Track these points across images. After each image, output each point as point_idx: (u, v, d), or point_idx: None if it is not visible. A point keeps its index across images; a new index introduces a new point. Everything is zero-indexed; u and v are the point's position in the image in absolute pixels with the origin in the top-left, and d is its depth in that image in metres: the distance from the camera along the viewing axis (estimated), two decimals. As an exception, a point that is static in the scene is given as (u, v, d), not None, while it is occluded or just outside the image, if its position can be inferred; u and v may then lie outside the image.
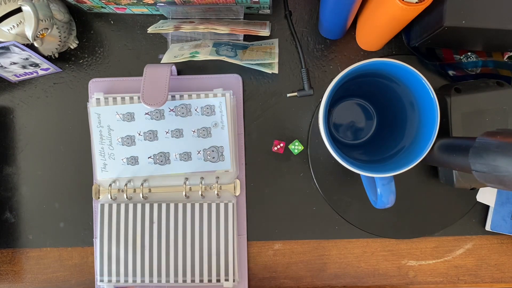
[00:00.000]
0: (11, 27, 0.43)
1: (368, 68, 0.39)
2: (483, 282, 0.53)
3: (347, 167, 0.39)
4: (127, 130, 0.48)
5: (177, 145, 0.48)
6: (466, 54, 0.50)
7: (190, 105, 0.47)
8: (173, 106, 0.48)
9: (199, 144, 0.48)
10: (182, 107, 0.47)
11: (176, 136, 0.48)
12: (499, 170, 0.31)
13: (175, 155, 0.48)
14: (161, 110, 0.48)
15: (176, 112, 0.47)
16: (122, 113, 0.48)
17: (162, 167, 0.49)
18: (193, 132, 0.48)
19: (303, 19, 0.52)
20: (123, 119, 0.48)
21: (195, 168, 0.49)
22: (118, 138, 0.48)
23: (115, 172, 0.49)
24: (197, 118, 0.48)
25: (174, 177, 0.51)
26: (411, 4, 0.37)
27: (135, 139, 0.48)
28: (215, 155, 0.48)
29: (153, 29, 0.47)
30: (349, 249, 0.53)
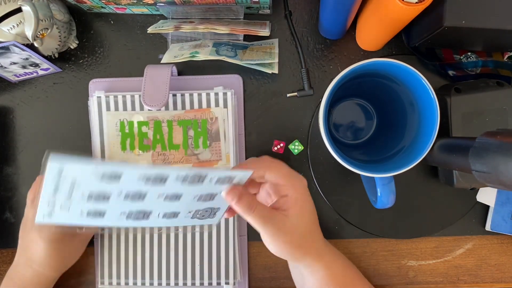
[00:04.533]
0: (11, 27, 0.43)
1: (368, 68, 0.39)
2: (483, 282, 0.53)
3: (347, 167, 0.39)
4: (102, 187, 0.33)
5: (167, 207, 0.37)
6: (466, 54, 0.50)
7: (206, 176, 0.34)
8: (185, 174, 0.33)
9: (194, 206, 0.38)
10: (195, 177, 0.34)
11: (171, 199, 0.36)
12: (499, 170, 0.31)
13: (158, 214, 0.37)
14: (164, 176, 0.33)
15: (185, 180, 0.34)
16: (102, 173, 0.32)
17: (136, 221, 0.37)
18: (195, 197, 0.36)
19: (303, 19, 0.52)
20: (101, 180, 0.32)
21: (177, 223, 0.40)
22: (83, 193, 0.33)
23: (62, 219, 0.35)
24: (208, 187, 0.35)
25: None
26: (411, 4, 0.37)
27: (110, 196, 0.34)
28: (206, 214, 0.40)
29: (153, 29, 0.47)
30: (349, 249, 0.53)
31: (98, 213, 0.35)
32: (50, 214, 0.34)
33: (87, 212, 0.35)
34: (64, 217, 0.35)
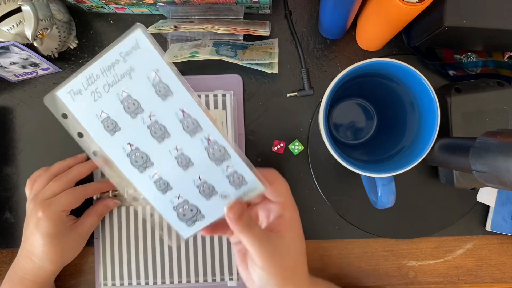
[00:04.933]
0: (10, 27, 0.43)
1: (368, 68, 0.39)
2: (484, 282, 0.53)
3: (347, 167, 0.39)
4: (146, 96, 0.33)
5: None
6: (466, 54, 0.50)
7: (228, 158, 0.34)
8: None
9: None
10: (219, 149, 0.33)
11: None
12: (500, 170, 0.31)
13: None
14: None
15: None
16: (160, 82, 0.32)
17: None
18: (207, 169, 0.35)
19: (303, 19, 0.52)
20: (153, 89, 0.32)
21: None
22: (122, 91, 0.32)
23: (81, 107, 0.33)
24: (219, 174, 0.34)
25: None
26: (411, 4, 0.37)
27: (138, 114, 0.33)
28: (189, 211, 0.36)
29: (153, 29, 0.47)
30: (349, 249, 0.53)
31: (115, 126, 0.34)
32: (77, 93, 0.33)
33: (106, 117, 0.33)
34: (85, 107, 0.33)
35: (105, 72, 0.32)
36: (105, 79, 0.32)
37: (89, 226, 0.48)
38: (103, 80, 0.32)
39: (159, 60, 0.31)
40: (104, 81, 0.32)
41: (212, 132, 0.33)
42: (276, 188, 0.37)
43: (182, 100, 0.32)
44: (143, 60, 0.32)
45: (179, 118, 0.33)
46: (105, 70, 0.32)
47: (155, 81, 0.32)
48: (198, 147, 0.34)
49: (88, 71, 0.32)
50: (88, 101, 0.33)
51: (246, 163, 0.34)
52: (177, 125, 0.33)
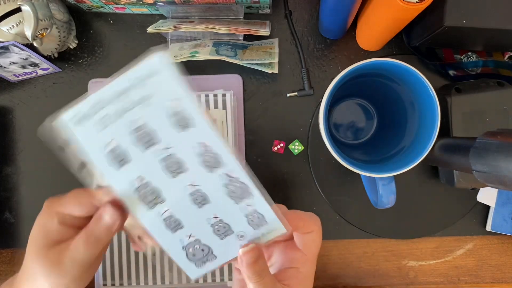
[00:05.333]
0: (10, 26, 0.43)
1: (369, 68, 0.39)
2: (484, 283, 0.53)
3: (347, 167, 0.39)
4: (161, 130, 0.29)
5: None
6: (466, 54, 0.50)
7: (250, 193, 0.30)
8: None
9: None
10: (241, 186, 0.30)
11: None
12: (500, 170, 0.31)
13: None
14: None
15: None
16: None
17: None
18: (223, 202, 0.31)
19: (303, 19, 0.52)
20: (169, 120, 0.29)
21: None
22: (132, 122, 0.29)
23: (85, 134, 0.29)
24: (238, 210, 0.31)
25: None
26: (411, 4, 0.37)
27: (155, 144, 0.29)
28: (203, 252, 0.33)
29: (153, 28, 0.47)
30: (349, 249, 0.53)
31: (124, 157, 0.29)
32: (83, 119, 0.29)
33: (115, 147, 0.29)
34: (91, 135, 0.29)
35: (118, 97, 0.28)
36: (118, 105, 0.28)
37: (76, 253, 0.31)
38: (115, 106, 0.28)
39: (181, 88, 0.28)
40: (116, 107, 0.28)
41: (234, 168, 0.29)
42: (309, 239, 0.34)
43: (203, 133, 0.28)
44: (163, 86, 0.28)
45: (198, 152, 0.29)
46: (118, 96, 0.28)
47: (174, 111, 0.28)
48: (217, 184, 0.30)
49: (98, 94, 0.28)
50: (96, 128, 0.29)
51: (268, 202, 0.30)
52: (195, 159, 0.29)
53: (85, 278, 0.33)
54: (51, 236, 0.32)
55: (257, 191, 0.30)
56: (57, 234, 0.32)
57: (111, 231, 0.31)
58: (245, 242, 0.32)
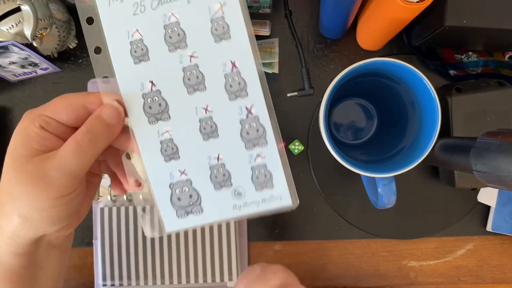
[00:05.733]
0: (10, 26, 0.43)
1: (369, 68, 0.39)
2: (484, 283, 0.53)
3: (347, 167, 0.39)
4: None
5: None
6: (467, 53, 0.50)
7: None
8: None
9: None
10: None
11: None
12: (500, 170, 0.31)
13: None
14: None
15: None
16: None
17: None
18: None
19: (304, 19, 0.52)
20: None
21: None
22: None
23: (115, 15, 0.26)
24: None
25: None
26: (411, 4, 0.36)
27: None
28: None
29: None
30: (349, 249, 0.53)
31: (144, 53, 0.26)
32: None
33: (139, 39, 0.25)
34: (119, 17, 0.25)
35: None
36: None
37: (66, 160, 0.25)
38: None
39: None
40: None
41: (257, 103, 0.25)
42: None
43: (238, 50, 0.25)
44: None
45: (226, 71, 0.25)
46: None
47: (216, 16, 0.25)
48: (233, 117, 0.26)
49: None
50: (127, 11, 0.25)
51: (282, 160, 0.26)
52: (220, 79, 0.25)
53: (72, 203, 0.26)
54: (31, 143, 0.25)
55: (274, 140, 0.26)
56: (38, 141, 0.25)
57: (111, 132, 0.26)
58: (240, 204, 0.27)
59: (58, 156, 0.24)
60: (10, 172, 0.25)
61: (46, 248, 0.28)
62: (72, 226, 0.29)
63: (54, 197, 0.24)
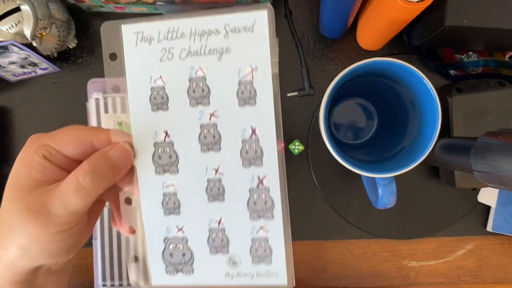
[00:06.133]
0: (9, 26, 0.43)
1: (369, 68, 0.39)
2: (485, 283, 0.53)
3: (348, 167, 0.39)
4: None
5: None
6: (467, 53, 0.49)
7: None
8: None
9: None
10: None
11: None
12: (501, 170, 0.31)
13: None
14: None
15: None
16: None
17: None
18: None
19: (303, 19, 0.52)
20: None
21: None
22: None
23: (141, 57, 0.26)
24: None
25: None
26: (412, 3, 0.36)
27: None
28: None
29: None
30: (349, 249, 0.53)
31: (164, 102, 0.25)
32: (146, 40, 0.24)
33: (161, 87, 0.25)
34: (144, 60, 0.25)
35: (195, 35, 0.24)
36: (189, 44, 0.24)
37: (67, 198, 0.24)
38: (186, 43, 0.24)
39: (265, 58, 0.25)
40: (186, 45, 0.25)
41: (271, 174, 0.25)
42: None
43: (261, 118, 0.25)
44: (247, 47, 0.24)
45: (244, 136, 0.25)
46: (195, 33, 0.24)
47: (245, 79, 0.25)
48: (243, 184, 0.25)
49: (175, 22, 0.24)
50: (153, 56, 0.25)
51: (285, 236, 0.26)
52: (237, 143, 0.25)
53: (72, 238, 0.25)
54: (33, 173, 0.25)
55: (281, 216, 0.25)
56: (41, 171, 0.25)
57: (117, 173, 0.25)
58: (234, 273, 0.26)
59: (59, 192, 0.24)
60: (11, 202, 0.24)
61: (45, 274, 0.27)
62: (72, 253, 0.28)
63: (54, 232, 0.24)
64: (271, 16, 0.24)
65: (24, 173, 0.25)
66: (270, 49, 0.24)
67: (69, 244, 0.25)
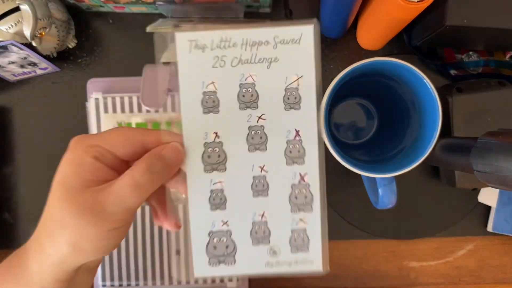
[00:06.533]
0: (9, 26, 0.43)
1: (369, 68, 0.39)
2: (485, 283, 0.53)
3: (348, 167, 0.39)
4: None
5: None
6: (467, 53, 0.49)
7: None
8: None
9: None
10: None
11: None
12: (501, 170, 0.31)
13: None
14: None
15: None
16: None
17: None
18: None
19: (304, 18, 0.52)
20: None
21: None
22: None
23: (194, 64, 0.27)
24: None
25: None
26: (412, 3, 0.36)
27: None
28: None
29: (152, 28, 0.46)
30: (349, 250, 0.52)
31: (215, 106, 0.27)
32: (199, 48, 0.26)
33: (212, 91, 0.27)
34: (197, 67, 0.27)
35: (246, 45, 0.26)
36: (240, 53, 0.26)
37: (123, 196, 0.24)
38: (237, 52, 0.26)
39: (310, 67, 0.27)
40: (237, 54, 0.27)
41: (311, 172, 0.28)
42: None
43: (304, 121, 0.27)
44: (294, 57, 0.27)
45: (289, 137, 0.27)
46: (247, 44, 0.26)
47: (292, 86, 0.27)
48: (286, 180, 0.28)
49: (228, 32, 0.26)
50: (206, 62, 0.27)
51: (322, 227, 0.29)
52: (281, 143, 0.27)
53: (122, 234, 0.26)
54: (84, 174, 0.25)
55: (319, 209, 0.28)
56: (92, 172, 0.25)
57: (170, 172, 0.26)
58: (273, 262, 0.28)
59: (115, 191, 0.24)
60: (62, 202, 0.25)
61: (84, 272, 0.28)
62: (115, 248, 0.29)
63: (108, 229, 0.25)
64: (317, 30, 0.27)
65: (74, 174, 0.25)
66: (315, 59, 0.27)
67: (119, 240, 0.26)
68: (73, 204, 0.24)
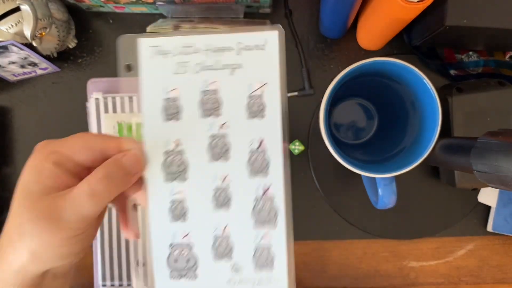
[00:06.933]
0: (9, 26, 0.43)
1: (369, 68, 0.39)
2: (485, 283, 0.53)
3: (348, 167, 0.39)
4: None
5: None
6: (467, 53, 0.49)
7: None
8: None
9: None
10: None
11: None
12: (501, 170, 0.31)
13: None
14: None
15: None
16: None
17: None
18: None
19: (304, 18, 0.52)
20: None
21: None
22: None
23: (156, 70, 0.27)
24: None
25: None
26: (412, 3, 0.36)
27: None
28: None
29: (152, 28, 0.47)
30: (349, 250, 0.52)
31: (177, 113, 0.26)
32: (162, 54, 0.26)
33: (174, 98, 0.26)
34: (159, 73, 0.26)
35: (209, 51, 0.26)
36: (203, 59, 0.26)
37: (79, 204, 0.24)
38: (200, 58, 0.26)
39: (275, 74, 0.26)
40: (200, 60, 0.26)
41: (275, 184, 0.26)
42: None
43: (268, 130, 0.26)
44: (258, 64, 0.26)
45: (252, 147, 0.26)
46: (210, 49, 0.26)
47: (255, 93, 0.26)
48: (249, 193, 0.26)
49: (191, 39, 0.26)
50: (168, 69, 0.26)
51: (288, 245, 0.27)
52: (244, 153, 0.26)
53: (82, 241, 0.26)
54: (44, 180, 0.25)
55: (284, 224, 0.27)
56: (52, 178, 0.25)
57: (129, 180, 0.26)
58: (236, 280, 0.26)
59: (72, 198, 0.24)
60: (22, 208, 0.25)
61: (52, 278, 0.27)
62: (80, 256, 0.28)
63: (65, 237, 0.24)
64: (282, 36, 0.26)
65: (35, 180, 0.25)
66: (280, 66, 0.26)
67: (79, 248, 0.26)
68: (32, 211, 0.24)
